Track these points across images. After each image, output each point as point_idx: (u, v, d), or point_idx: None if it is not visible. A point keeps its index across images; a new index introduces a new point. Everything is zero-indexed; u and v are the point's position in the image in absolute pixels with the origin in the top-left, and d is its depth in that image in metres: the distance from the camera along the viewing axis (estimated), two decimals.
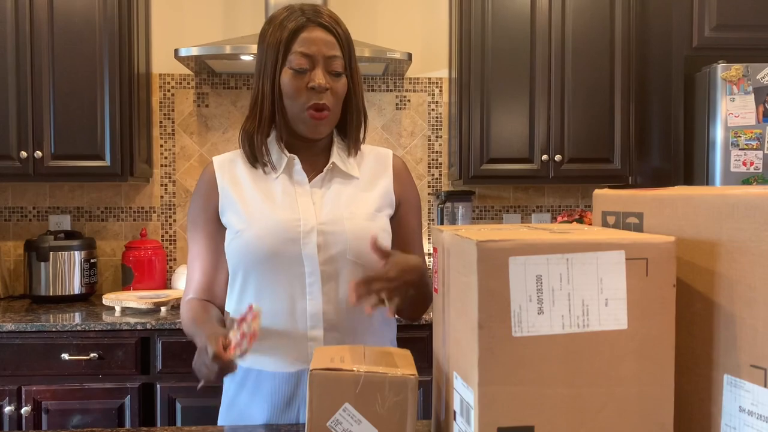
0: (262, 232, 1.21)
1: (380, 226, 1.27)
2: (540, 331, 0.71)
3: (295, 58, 1.21)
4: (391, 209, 1.32)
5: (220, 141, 2.94)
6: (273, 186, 1.26)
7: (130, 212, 2.93)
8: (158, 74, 2.93)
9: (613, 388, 0.72)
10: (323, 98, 1.21)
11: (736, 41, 2.48)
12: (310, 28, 1.21)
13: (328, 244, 1.22)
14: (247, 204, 1.25)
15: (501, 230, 0.81)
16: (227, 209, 1.27)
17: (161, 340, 2.26)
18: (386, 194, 1.31)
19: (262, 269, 1.21)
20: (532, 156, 2.70)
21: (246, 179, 1.28)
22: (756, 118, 2.33)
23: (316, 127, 1.23)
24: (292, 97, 1.22)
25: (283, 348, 1.22)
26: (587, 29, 2.68)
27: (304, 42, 1.21)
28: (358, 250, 1.23)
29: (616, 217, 0.90)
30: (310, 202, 1.25)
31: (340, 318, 1.23)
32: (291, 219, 1.22)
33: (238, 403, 1.27)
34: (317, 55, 1.21)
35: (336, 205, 1.25)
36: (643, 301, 0.71)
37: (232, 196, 1.27)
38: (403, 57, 2.55)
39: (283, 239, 1.21)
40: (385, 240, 1.27)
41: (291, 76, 1.21)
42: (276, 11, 1.27)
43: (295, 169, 1.27)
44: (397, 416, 0.83)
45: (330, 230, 1.22)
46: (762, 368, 0.69)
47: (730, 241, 0.72)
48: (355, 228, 1.23)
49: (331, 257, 1.22)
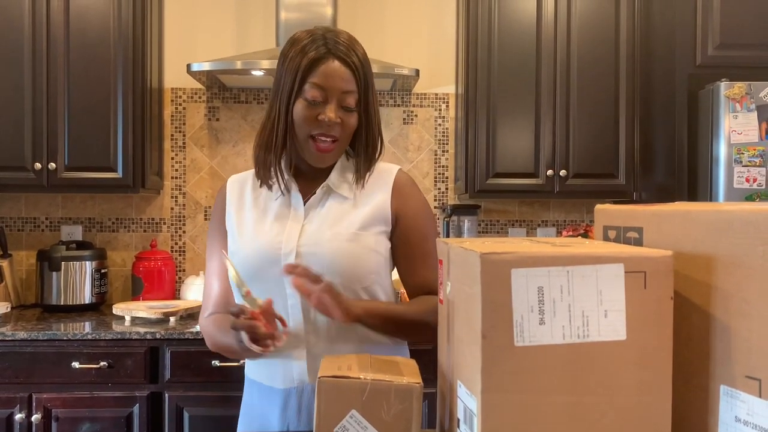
0: (249, 253, 1.26)
1: (363, 245, 1.26)
2: (541, 341, 0.73)
3: (309, 89, 1.22)
4: (385, 226, 1.30)
5: (230, 154, 2.99)
6: (271, 207, 1.30)
7: (141, 223, 2.97)
8: (170, 88, 2.98)
9: (613, 397, 0.74)
10: (331, 130, 1.24)
11: (740, 60, 2.51)
12: (329, 60, 1.22)
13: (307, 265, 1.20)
14: (242, 225, 1.30)
15: (504, 243, 0.84)
16: (229, 230, 1.33)
17: (170, 350, 2.29)
18: (378, 210, 1.29)
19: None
20: (538, 171, 2.73)
21: (249, 199, 1.33)
22: (759, 136, 2.36)
23: (320, 157, 1.26)
24: (300, 126, 1.24)
25: (272, 366, 1.28)
26: (592, 46, 2.72)
27: (320, 75, 1.22)
28: (337, 271, 1.23)
29: (617, 232, 0.93)
30: (298, 226, 1.27)
31: (321, 339, 1.24)
32: (275, 240, 1.25)
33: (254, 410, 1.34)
34: (332, 89, 1.23)
35: (320, 226, 1.26)
36: (642, 313, 0.74)
37: (233, 217, 1.32)
38: (411, 73, 2.60)
39: (266, 260, 1.24)
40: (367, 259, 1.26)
41: (304, 107, 1.23)
42: (299, 33, 1.28)
43: (292, 193, 1.31)
44: (402, 423, 0.85)
45: (309, 252, 1.24)
46: (757, 379, 0.71)
47: (726, 256, 0.74)
48: (334, 249, 1.24)
49: None
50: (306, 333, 1.24)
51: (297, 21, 2.68)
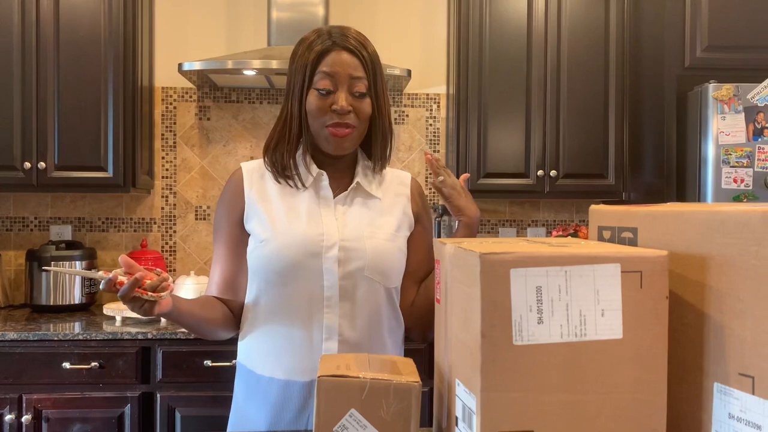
0: (286, 243, 1.25)
1: (398, 246, 1.32)
2: (539, 339, 0.74)
3: (319, 79, 1.25)
4: (408, 230, 1.37)
5: (221, 154, 2.98)
6: (299, 200, 1.30)
7: (131, 223, 2.96)
8: (161, 87, 2.97)
9: (609, 395, 0.76)
10: (345, 119, 1.25)
11: (727, 62, 2.55)
12: (336, 51, 1.26)
13: (348, 259, 1.26)
14: (273, 215, 1.29)
15: (502, 243, 0.85)
16: (252, 218, 1.31)
17: (162, 350, 2.28)
18: (405, 215, 1.36)
19: (283, 279, 1.25)
20: (528, 171, 2.75)
21: (273, 191, 1.32)
22: (746, 137, 2.39)
23: (339, 144, 1.27)
24: (315, 117, 1.26)
25: (296, 357, 1.26)
26: (582, 47, 2.74)
27: (328, 64, 1.25)
28: (376, 268, 1.27)
29: (611, 232, 0.94)
30: (333, 218, 1.29)
31: (354, 332, 1.27)
32: (315, 233, 1.26)
33: (246, 410, 1.30)
34: (341, 77, 1.25)
35: (358, 223, 1.30)
36: (638, 312, 0.75)
37: (258, 206, 1.30)
38: (403, 73, 2.60)
39: (305, 252, 1.25)
40: (399, 260, 1.32)
41: (315, 97, 1.26)
42: (307, 33, 1.32)
43: (322, 185, 1.31)
44: (401, 422, 0.86)
45: (351, 247, 1.27)
46: (750, 376, 0.72)
47: (720, 256, 0.76)
48: (374, 246, 1.28)
49: (350, 273, 1.26)
50: (340, 326, 1.26)
51: (289, 20, 2.68)
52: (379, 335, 1.31)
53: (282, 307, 1.26)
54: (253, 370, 1.30)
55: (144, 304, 1.10)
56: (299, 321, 1.25)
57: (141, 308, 1.10)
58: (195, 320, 1.25)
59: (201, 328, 1.28)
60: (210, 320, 1.28)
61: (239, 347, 1.35)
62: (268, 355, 1.28)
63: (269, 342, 1.27)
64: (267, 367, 1.28)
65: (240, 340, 1.35)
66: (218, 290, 1.33)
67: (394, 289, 1.33)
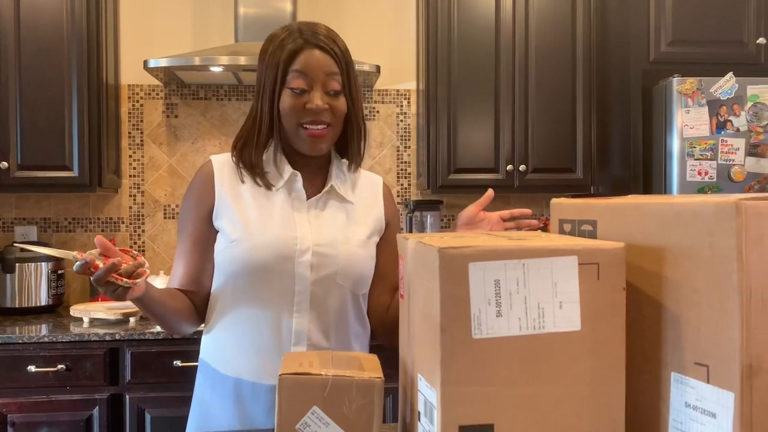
0: (259, 245, 1.22)
1: (369, 253, 1.32)
2: (498, 333, 0.74)
3: (293, 78, 1.23)
4: (379, 235, 1.36)
5: (189, 151, 2.95)
6: (271, 200, 1.28)
7: (99, 223, 2.91)
8: (127, 85, 2.92)
9: (568, 386, 0.76)
10: (321, 117, 1.24)
11: (691, 56, 2.59)
12: (308, 49, 1.23)
13: (320, 265, 1.25)
14: (245, 214, 1.26)
15: (462, 238, 0.85)
16: (222, 215, 1.27)
17: (130, 351, 2.25)
18: (377, 221, 1.36)
19: (253, 281, 1.23)
20: (498, 166, 2.77)
21: (245, 189, 1.29)
22: (710, 130, 2.43)
23: (315, 144, 1.25)
24: (289, 116, 1.24)
25: (264, 360, 1.24)
26: (550, 43, 2.76)
27: (302, 63, 1.23)
28: (348, 275, 1.26)
29: (572, 225, 0.95)
30: (306, 222, 1.27)
31: (323, 337, 1.26)
32: (288, 236, 1.24)
33: (211, 408, 1.28)
34: (315, 75, 1.23)
35: (332, 228, 1.28)
36: (595, 303, 0.76)
37: (229, 203, 1.27)
38: (372, 69, 2.60)
39: (278, 255, 1.23)
40: (370, 267, 1.32)
41: (290, 96, 1.23)
42: (276, 30, 1.29)
43: (295, 186, 1.29)
44: (364, 418, 0.86)
45: (324, 252, 1.25)
46: (705, 365, 0.73)
47: (676, 247, 0.77)
48: (348, 253, 1.27)
49: (322, 278, 1.25)
50: (309, 331, 1.25)
51: (256, 16, 2.66)
52: (347, 340, 1.30)
53: (251, 310, 1.24)
54: (218, 369, 1.28)
55: (117, 289, 1.07)
56: (268, 324, 1.24)
57: (114, 293, 1.08)
58: (163, 309, 1.22)
59: (167, 319, 1.25)
60: (177, 311, 1.26)
61: (204, 343, 1.33)
62: (235, 356, 1.26)
63: (236, 344, 1.26)
64: (233, 368, 1.26)
65: (204, 334, 1.33)
66: (181, 285, 1.31)
67: (362, 296, 1.33)
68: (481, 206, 1.42)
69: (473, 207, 1.41)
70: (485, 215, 1.43)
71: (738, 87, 2.44)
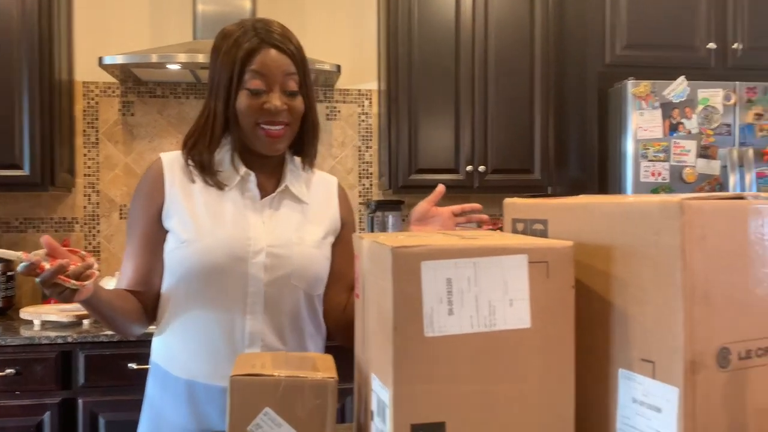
0: (211, 246, 1.20)
1: (324, 253, 1.31)
2: (450, 331, 0.75)
3: (250, 78, 1.21)
4: (334, 236, 1.35)
5: (146, 150, 2.89)
6: (224, 200, 1.26)
7: (52, 223, 2.84)
8: (82, 82, 2.86)
9: (519, 384, 0.77)
10: (279, 117, 1.22)
11: (645, 59, 2.65)
12: (265, 49, 1.22)
13: (274, 266, 1.23)
14: (196, 214, 1.23)
15: (416, 237, 0.85)
16: (173, 215, 1.25)
17: (83, 354, 2.20)
18: (332, 222, 1.35)
19: (205, 282, 1.21)
20: (458, 166, 2.79)
21: (196, 188, 1.26)
22: (663, 132, 2.49)
23: (272, 144, 1.24)
24: (247, 116, 1.22)
25: (218, 362, 1.22)
26: (509, 46, 2.80)
27: (259, 64, 1.21)
28: (302, 276, 1.25)
29: (524, 224, 0.96)
30: (260, 222, 1.25)
31: (277, 338, 1.25)
32: (241, 237, 1.22)
33: (163, 409, 1.26)
34: (273, 76, 1.22)
35: (286, 228, 1.26)
36: (545, 301, 0.77)
37: (179, 203, 1.25)
38: (332, 69, 2.59)
39: (231, 256, 1.21)
40: (325, 268, 1.31)
41: (247, 97, 1.21)
42: (228, 27, 1.27)
43: (248, 186, 1.27)
44: (317, 419, 0.85)
45: (278, 253, 1.24)
46: (651, 361, 0.75)
47: (623, 246, 0.78)
48: (302, 254, 1.25)
49: (276, 279, 1.23)
50: (262, 332, 1.23)
51: (214, 14, 2.62)
52: (301, 341, 1.29)
53: (203, 312, 1.22)
54: (170, 371, 1.25)
55: (65, 291, 1.04)
56: (221, 326, 1.22)
57: (61, 294, 1.05)
58: (112, 311, 1.19)
59: (116, 321, 1.22)
60: (126, 312, 1.23)
61: (154, 345, 1.31)
62: (188, 358, 1.24)
63: (189, 345, 1.24)
64: (186, 370, 1.24)
65: (155, 337, 1.31)
66: (130, 285, 1.28)
67: (317, 296, 1.32)
68: (432, 202, 1.43)
69: (425, 203, 1.43)
70: (437, 211, 1.44)
71: (689, 90, 2.51)
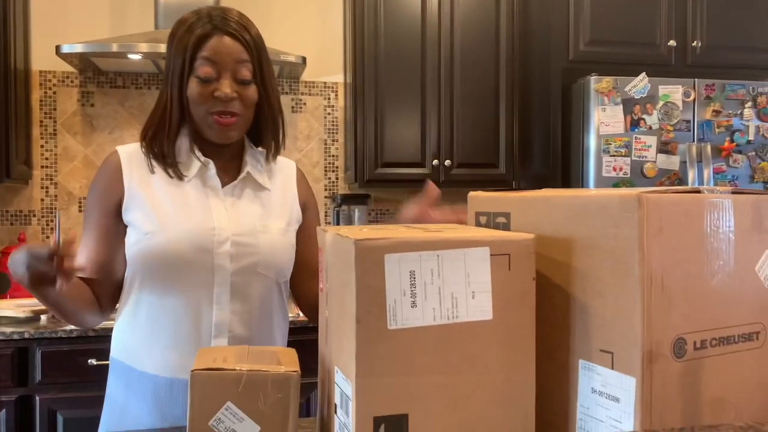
0: (175, 237, 1.18)
1: (290, 240, 1.29)
2: (413, 323, 0.75)
3: (200, 65, 1.19)
4: (297, 223, 1.34)
5: (106, 142, 2.83)
6: (185, 190, 1.24)
7: (7, 216, 2.76)
8: (38, 71, 2.78)
9: (481, 375, 0.77)
10: (230, 107, 1.20)
11: (608, 56, 2.69)
12: (217, 36, 1.20)
13: (240, 255, 1.22)
14: (158, 205, 1.21)
15: (380, 230, 0.85)
16: (133, 208, 1.22)
17: (41, 350, 2.15)
18: (294, 208, 1.33)
19: (170, 274, 1.19)
20: (424, 160, 2.80)
21: (156, 179, 1.24)
22: (624, 127, 2.54)
23: (224, 132, 1.22)
24: (197, 104, 1.20)
25: (183, 355, 1.20)
26: (474, 40, 2.81)
27: (210, 49, 1.19)
28: (269, 264, 1.24)
29: (487, 218, 0.96)
30: (223, 211, 1.24)
31: (244, 328, 1.23)
32: (205, 227, 1.20)
33: (126, 406, 1.23)
34: (224, 62, 1.20)
35: (250, 216, 1.25)
36: (507, 293, 0.77)
37: (140, 195, 1.22)
38: (297, 60, 2.57)
39: (196, 247, 1.19)
40: (291, 255, 1.29)
41: (197, 84, 1.20)
42: (186, 14, 1.25)
43: (209, 175, 1.25)
44: (279, 413, 0.84)
45: (244, 242, 1.22)
46: (610, 352, 0.76)
47: (583, 238, 0.79)
48: (268, 242, 1.24)
49: (242, 268, 1.22)
50: (230, 323, 1.22)
51: (177, 3, 2.58)
52: (269, 330, 1.28)
53: (168, 304, 1.20)
54: (133, 366, 1.23)
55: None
56: (186, 318, 1.20)
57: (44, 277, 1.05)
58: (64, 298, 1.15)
59: (66, 308, 1.18)
60: (79, 301, 1.20)
61: (115, 340, 1.28)
62: (152, 352, 1.22)
63: (153, 340, 1.21)
64: (149, 365, 1.21)
65: (115, 332, 1.28)
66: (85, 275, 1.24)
67: (284, 283, 1.31)
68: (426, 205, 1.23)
69: (417, 206, 1.22)
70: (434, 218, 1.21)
71: (650, 87, 2.56)
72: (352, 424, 0.75)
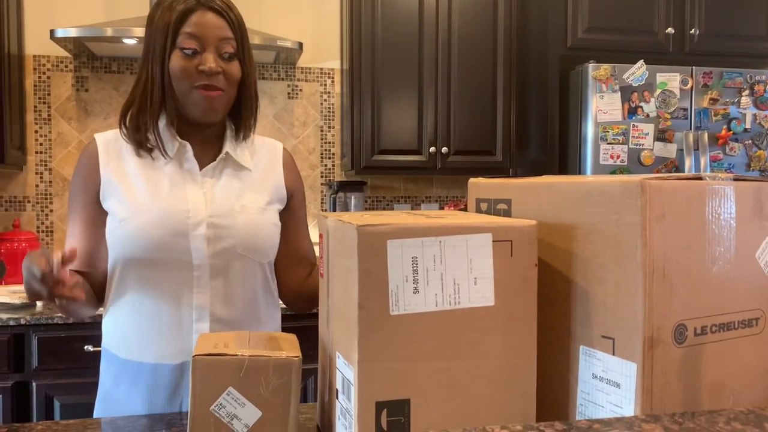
0: (148, 222, 1.17)
1: (270, 220, 1.27)
2: (415, 309, 0.75)
3: (183, 39, 1.17)
4: (281, 204, 1.31)
5: (100, 127, 2.81)
6: (161, 173, 1.22)
7: (1, 202, 2.74)
8: (32, 56, 2.75)
9: (482, 360, 0.78)
10: (214, 80, 1.18)
11: (606, 43, 2.68)
12: (200, 11, 1.18)
13: (218, 237, 1.20)
14: (132, 191, 1.20)
15: (381, 216, 0.85)
16: (110, 195, 1.21)
17: (37, 336, 2.14)
18: (277, 188, 1.30)
19: (147, 260, 1.18)
20: (421, 148, 2.79)
21: (132, 164, 1.23)
22: (622, 115, 2.53)
23: (210, 107, 1.20)
24: (180, 79, 1.18)
25: (166, 340, 1.19)
26: (472, 27, 2.80)
27: (193, 24, 1.17)
28: (249, 245, 1.22)
29: (488, 204, 0.96)
30: (200, 193, 1.22)
31: (228, 310, 1.22)
32: (179, 210, 1.19)
33: (116, 395, 1.23)
34: (208, 37, 1.18)
35: (227, 197, 1.23)
36: (508, 279, 0.77)
37: (115, 182, 1.21)
38: (294, 46, 2.55)
39: (170, 231, 1.17)
40: (273, 234, 1.27)
41: (180, 58, 1.18)
42: None
43: (186, 157, 1.23)
44: (281, 398, 0.85)
45: (220, 223, 1.20)
46: (611, 338, 0.76)
47: (585, 224, 0.79)
48: (246, 222, 1.22)
49: (221, 250, 1.20)
50: (211, 305, 1.20)
51: None
52: (255, 312, 1.26)
53: (147, 289, 1.19)
54: (118, 355, 1.23)
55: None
56: (167, 303, 1.19)
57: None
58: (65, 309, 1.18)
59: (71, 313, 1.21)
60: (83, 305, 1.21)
61: (104, 329, 1.27)
62: (135, 339, 1.21)
63: (135, 326, 1.21)
64: (134, 352, 1.21)
65: (104, 322, 1.28)
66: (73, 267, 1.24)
67: (268, 264, 1.29)
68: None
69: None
70: None
71: (648, 74, 2.55)
72: (354, 409, 0.75)
